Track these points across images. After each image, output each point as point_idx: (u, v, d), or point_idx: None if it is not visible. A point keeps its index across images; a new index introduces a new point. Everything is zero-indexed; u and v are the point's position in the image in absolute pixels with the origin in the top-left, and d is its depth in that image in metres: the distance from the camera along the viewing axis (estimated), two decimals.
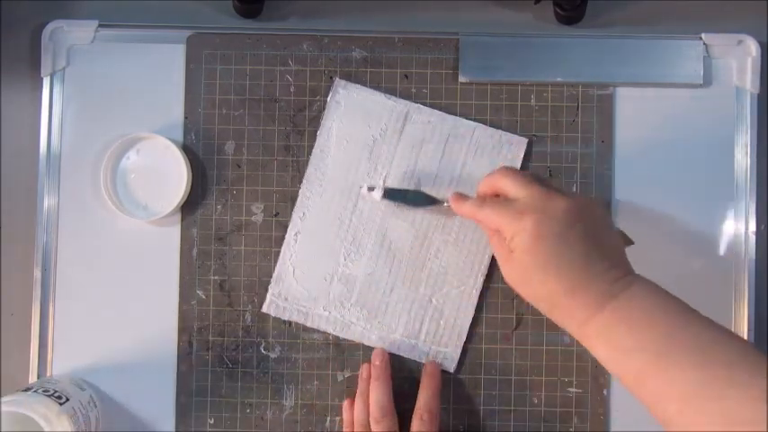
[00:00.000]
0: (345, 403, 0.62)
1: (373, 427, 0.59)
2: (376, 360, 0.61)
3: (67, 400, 0.57)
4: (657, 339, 0.46)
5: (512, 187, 0.53)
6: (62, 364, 0.63)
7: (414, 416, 0.60)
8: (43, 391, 0.57)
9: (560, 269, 0.50)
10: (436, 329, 0.62)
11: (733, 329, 0.62)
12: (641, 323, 0.47)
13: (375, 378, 0.61)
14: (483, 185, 0.57)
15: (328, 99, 0.63)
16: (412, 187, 0.62)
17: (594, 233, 0.51)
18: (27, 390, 0.57)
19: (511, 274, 0.52)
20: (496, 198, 0.55)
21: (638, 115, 0.63)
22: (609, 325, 0.48)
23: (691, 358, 0.45)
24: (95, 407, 0.61)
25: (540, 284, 0.51)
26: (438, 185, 0.63)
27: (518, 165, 0.63)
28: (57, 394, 0.57)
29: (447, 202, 0.59)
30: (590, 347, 0.50)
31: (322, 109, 0.64)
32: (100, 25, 0.64)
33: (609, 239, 0.52)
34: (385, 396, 0.60)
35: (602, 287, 0.49)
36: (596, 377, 0.62)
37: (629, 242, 0.57)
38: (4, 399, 0.55)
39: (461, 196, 0.57)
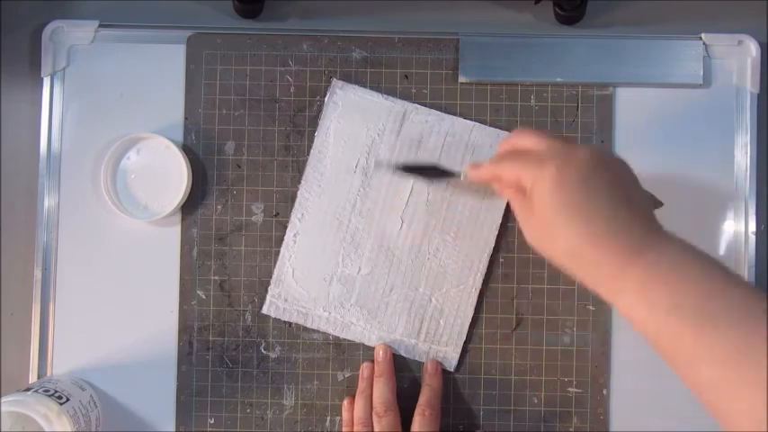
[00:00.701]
0: (345, 402, 0.62)
1: (376, 423, 0.59)
2: (379, 356, 0.61)
3: (68, 400, 0.57)
4: (697, 296, 0.43)
5: (532, 142, 0.51)
6: (62, 364, 0.63)
7: (415, 413, 0.60)
8: (44, 391, 0.57)
9: (585, 214, 0.46)
10: (436, 329, 0.62)
11: None
12: (680, 279, 0.44)
13: (379, 374, 0.61)
14: (501, 146, 0.54)
15: (326, 100, 0.63)
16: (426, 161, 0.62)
17: (621, 184, 0.48)
18: (27, 390, 0.57)
19: (532, 230, 0.50)
20: (514, 152, 0.52)
21: (638, 115, 0.63)
22: (644, 280, 0.45)
23: (733, 319, 0.42)
24: (95, 407, 0.61)
25: (563, 234, 0.47)
26: (436, 184, 0.63)
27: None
28: (57, 394, 0.57)
29: (463, 174, 0.57)
30: (622, 307, 0.46)
31: (321, 109, 0.64)
32: (100, 25, 0.64)
33: (637, 193, 0.49)
34: (389, 392, 0.60)
35: (633, 238, 0.46)
36: (596, 377, 0.62)
37: (659, 204, 0.55)
38: (4, 398, 0.55)
39: (477, 163, 0.55)
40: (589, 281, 0.48)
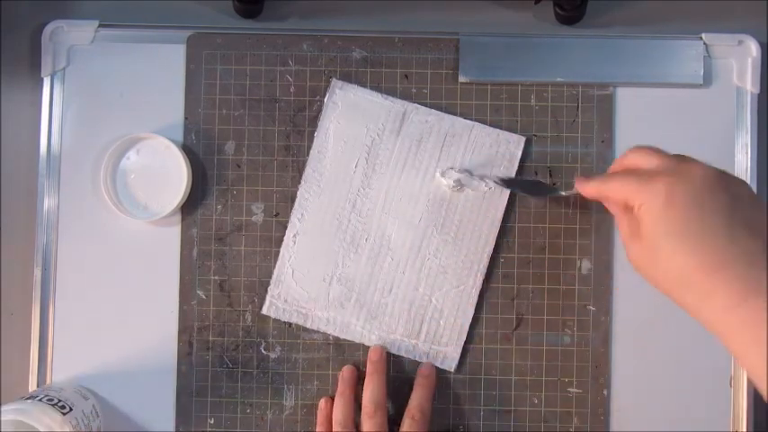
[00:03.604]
0: (321, 402, 0.61)
1: (364, 423, 0.59)
2: (374, 356, 0.61)
3: (71, 409, 0.57)
4: None
5: (642, 158, 0.48)
6: (62, 364, 0.63)
7: (405, 415, 0.59)
8: (47, 400, 0.56)
9: (697, 239, 0.43)
10: (436, 329, 0.62)
11: None
12: None
13: (371, 373, 0.60)
14: (613, 165, 0.52)
15: (325, 100, 0.63)
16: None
17: (742, 208, 0.44)
18: (30, 398, 0.57)
19: (637, 252, 0.46)
20: (625, 171, 0.49)
21: (638, 115, 0.63)
22: (760, 322, 0.40)
23: None
24: (97, 416, 0.61)
25: (670, 258, 0.43)
26: (437, 184, 0.63)
27: (516, 163, 0.63)
28: (60, 403, 0.57)
29: (564, 191, 0.60)
30: (731, 344, 0.42)
31: (321, 109, 0.64)
32: (100, 25, 0.64)
33: (759, 216, 0.44)
34: (380, 391, 0.59)
35: (750, 271, 0.42)
36: (596, 377, 0.62)
37: None
38: (5, 406, 0.55)
39: (586, 176, 0.53)
40: (696, 312, 0.44)
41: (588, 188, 0.52)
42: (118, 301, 0.63)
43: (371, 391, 0.59)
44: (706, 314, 0.43)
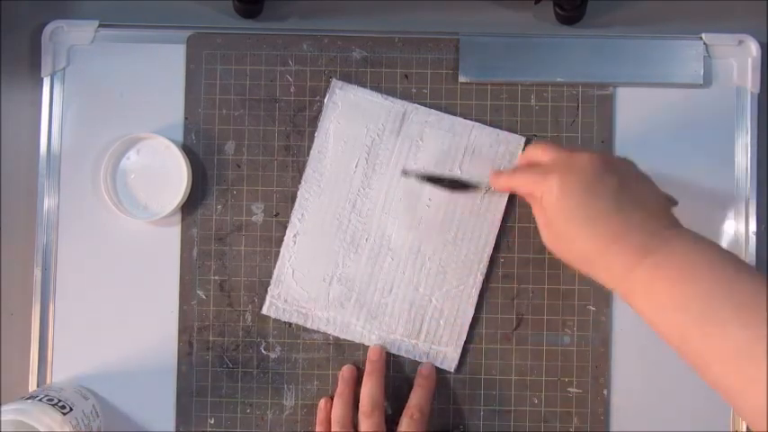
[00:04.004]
0: (321, 402, 0.62)
1: (362, 422, 0.59)
2: (373, 356, 0.61)
3: (71, 409, 0.57)
4: (699, 297, 0.44)
5: (540, 154, 0.54)
6: (62, 364, 0.63)
7: (404, 414, 0.59)
8: (47, 400, 0.56)
9: (590, 223, 0.49)
10: (436, 329, 0.62)
11: None
12: (683, 280, 0.45)
13: (370, 373, 0.60)
14: (519, 159, 0.58)
15: (326, 100, 0.63)
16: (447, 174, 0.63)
17: (627, 184, 0.50)
18: (30, 398, 0.57)
19: (548, 237, 0.53)
20: (528, 166, 0.56)
21: (638, 115, 0.63)
22: (649, 281, 0.47)
23: (734, 318, 0.43)
24: (97, 416, 0.61)
25: (572, 242, 0.50)
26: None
27: (516, 163, 0.63)
28: (60, 403, 0.57)
29: (485, 185, 0.61)
30: (634, 307, 0.48)
31: (321, 109, 0.64)
32: (100, 25, 0.64)
33: (644, 190, 0.51)
34: (378, 391, 0.60)
35: (639, 240, 0.48)
36: (596, 377, 0.62)
37: (674, 202, 0.56)
38: (5, 406, 0.55)
39: (498, 172, 0.58)
40: (607, 284, 0.50)
41: (500, 183, 0.58)
42: (118, 301, 0.63)
43: (369, 391, 0.59)
44: (613, 285, 0.49)
